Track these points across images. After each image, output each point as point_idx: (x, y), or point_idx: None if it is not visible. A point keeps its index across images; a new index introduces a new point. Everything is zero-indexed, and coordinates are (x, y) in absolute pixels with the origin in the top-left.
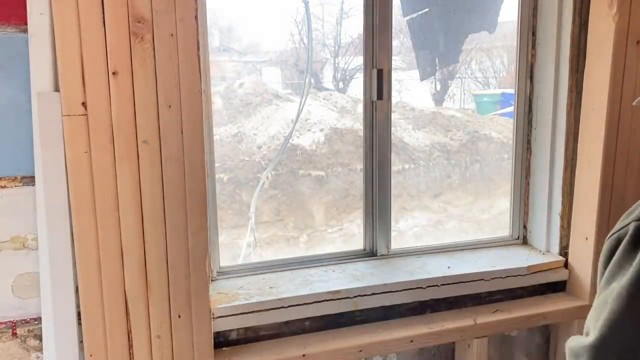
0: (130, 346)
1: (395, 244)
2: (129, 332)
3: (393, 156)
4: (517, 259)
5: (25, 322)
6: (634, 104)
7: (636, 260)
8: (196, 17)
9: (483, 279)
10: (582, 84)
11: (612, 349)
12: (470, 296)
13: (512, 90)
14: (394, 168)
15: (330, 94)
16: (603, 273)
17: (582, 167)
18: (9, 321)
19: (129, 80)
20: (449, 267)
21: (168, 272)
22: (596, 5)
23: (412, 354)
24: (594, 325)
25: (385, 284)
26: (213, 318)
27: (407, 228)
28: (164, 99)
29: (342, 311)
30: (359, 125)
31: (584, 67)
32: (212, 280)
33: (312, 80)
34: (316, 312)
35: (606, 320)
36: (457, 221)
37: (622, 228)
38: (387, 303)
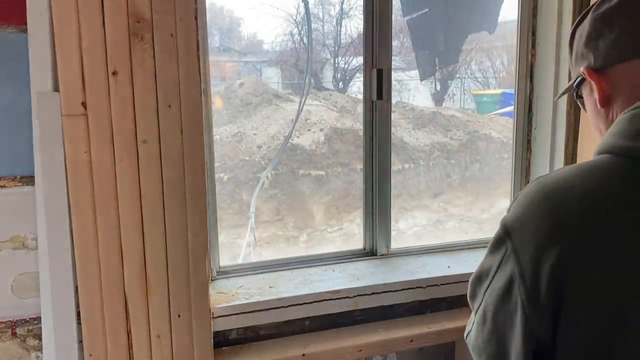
0: (130, 346)
1: (395, 244)
2: (128, 332)
3: (393, 156)
4: None
5: (25, 321)
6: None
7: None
8: (196, 17)
9: None
10: None
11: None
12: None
13: (512, 90)
14: (394, 168)
15: (330, 94)
16: None
17: None
18: (9, 321)
19: (128, 80)
20: (449, 267)
21: (168, 272)
22: None
23: (412, 353)
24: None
25: (385, 284)
26: (213, 318)
27: (407, 228)
28: (164, 99)
29: (342, 311)
30: (359, 125)
31: None
32: (212, 280)
33: (312, 80)
34: (316, 312)
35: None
36: (457, 221)
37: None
38: (387, 303)
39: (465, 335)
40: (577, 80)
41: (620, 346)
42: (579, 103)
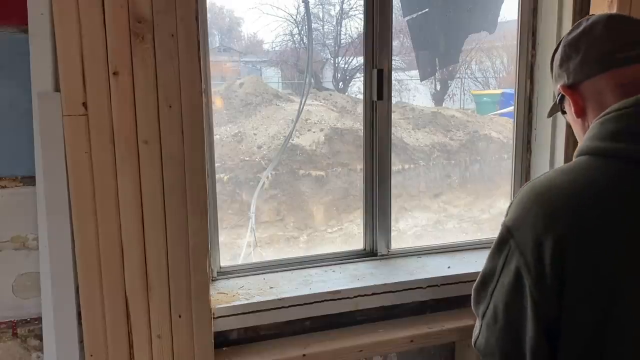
0: (131, 346)
1: (395, 244)
2: (129, 332)
3: (393, 156)
4: None
5: (26, 322)
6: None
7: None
8: (196, 17)
9: None
10: None
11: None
12: (470, 296)
13: (512, 90)
14: (394, 168)
15: (330, 94)
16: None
17: None
18: (10, 321)
19: (129, 80)
20: (449, 267)
21: (168, 272)
22: (596, 5)
23: (412, 354)
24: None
25: (385, 284)
26: (213, 318)
27: (407, 228)
28: (164, 99)
29: (342, 311)
30: (359, 125)
31: None
32: (212, 280)
33: (312, 80)
34: (316, 312)
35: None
36: (457, 221)
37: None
38: (387, 303)
39: (473, 343)
40: (558, 97)
41: (617, 316)
42: (565, 118)
